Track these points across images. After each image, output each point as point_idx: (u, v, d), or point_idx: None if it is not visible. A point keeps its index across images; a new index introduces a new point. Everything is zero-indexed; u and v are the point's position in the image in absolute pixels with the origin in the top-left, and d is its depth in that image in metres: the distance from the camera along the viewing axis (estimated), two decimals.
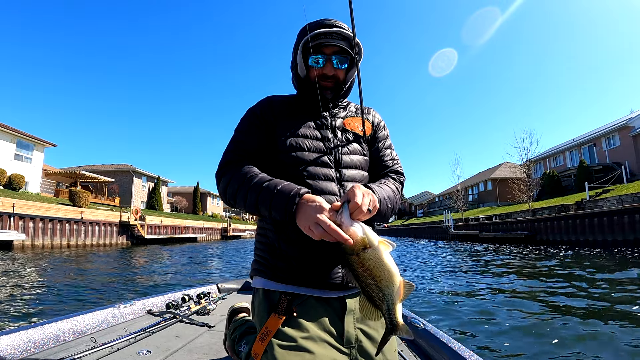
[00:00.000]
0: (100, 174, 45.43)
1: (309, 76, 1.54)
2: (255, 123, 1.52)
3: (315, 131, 1.52)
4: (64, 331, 2.44)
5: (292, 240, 1.36)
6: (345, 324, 1.34)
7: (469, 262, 15.27)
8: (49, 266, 14.15)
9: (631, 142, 32.92)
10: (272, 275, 1.39)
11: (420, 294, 8.28)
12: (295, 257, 1.36)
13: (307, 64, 1.53)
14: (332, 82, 1.54)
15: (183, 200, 66.20)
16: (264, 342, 1.25)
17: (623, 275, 9.61)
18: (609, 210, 20.11)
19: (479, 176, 60.10)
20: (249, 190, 1.31)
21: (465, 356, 1.97)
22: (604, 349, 4.42)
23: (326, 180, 1.43)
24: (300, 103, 1.60)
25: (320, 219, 1.11)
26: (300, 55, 1.50)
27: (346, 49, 1.48)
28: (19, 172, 30.42)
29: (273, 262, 1.40)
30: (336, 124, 1.57)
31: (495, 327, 5.45)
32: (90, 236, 28.23)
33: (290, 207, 1.20)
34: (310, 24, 1.50)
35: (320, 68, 1.51)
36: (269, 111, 1.53)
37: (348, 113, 1.65)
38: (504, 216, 33.29)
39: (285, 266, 1.37)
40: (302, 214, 1.18)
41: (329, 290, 1.36)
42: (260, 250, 1.49)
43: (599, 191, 26.76)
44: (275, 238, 1.40)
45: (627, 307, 6.22)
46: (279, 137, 1.48)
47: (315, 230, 1.11)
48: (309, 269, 1.35)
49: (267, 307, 1.36)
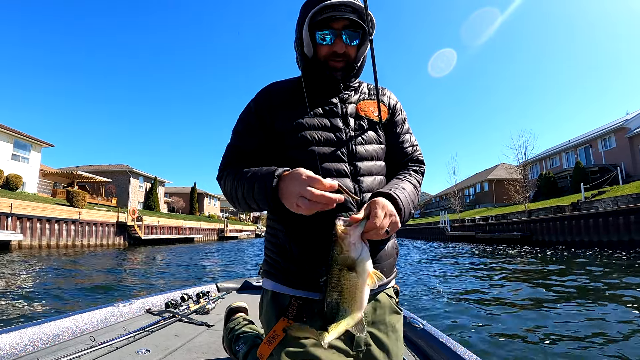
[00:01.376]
0: (98, 174, 45.29)
1: (317, 55, 1.38)
2: (251, 122, 1.39)
3: (324, 120, 1.36)
4: (62, 330, 2.44)
5: (304, 243, 1.27)
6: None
7: (466, 264, 15.32)
8: (47, 266, 14.12)
9: (627, 144, 33.02)
10: (283, 279, 1.31)
11: (419, 294, 8.31)
12: (308, 261, 1.26)
13: (314, 41, 1.36)
14: (343, 61, 1.38)
15: (180, 201, 66.09)
16: (271, 345, 1.21)
17: (622, 278, 9.69)
18: (605, 211, 20.20)
19: (475, 177, 60.18)
20: (238, 188, 1.24)
21: (464, 356, 1.97)
22: (604, 349, 4.45)
23: (339, 176, 1.29)
24: (306, 87, 1.40)
25: (304, 190, 1.02)
26: (306, 32, 1.33)
27: (358, 22, 1.31)
28: (17, 172, 30.29)
29: (285, 265, 1.31)
30: (348, 111, 1.41)
31: (495, 327, 5.48)
32: (88, 236, 28.17)
33: (270, 192, 1.12)
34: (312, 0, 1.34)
35: (329, 45, 1.34)
36: (267, 105, 1.38)
37: (361, 96, 1.48)
38: (500, 217, 33.33)
39: (297, 270, 1.28)
40: (285, 193, 1.10)
41: None
42: (271, 251, 1.39)
43: (594, 192, 26.80)
44: (286, 240, 1.30)
45: (626, 308, 6.30)
46: (283, 131, 1.34)
47: (302, 205, 1.03)
48: (315, 271, 1.24)
49: (276, 310, 1.29)
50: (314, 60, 1.39)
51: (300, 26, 1.36)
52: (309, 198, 1.02)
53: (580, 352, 4.38)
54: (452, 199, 48.01)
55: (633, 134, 32.20)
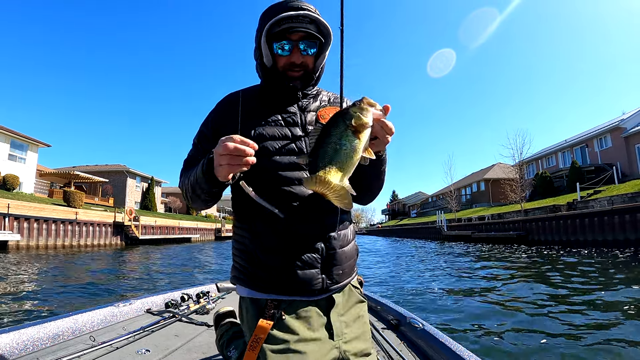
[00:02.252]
0: (94, 175, 45.18)
1: (276, 65, 1.40)
2: (207, 134, 1.42)
3: (284, 129, 1.38)
4: (63, 330, 2.44)
5: (269, 249, 1.31)
6: (331, 319, 1.34)
7: (464, 263, 15.37)
8: (45, 267, 14.12)
9: (623, 143, 33.16)
10: (254, 285, 1.35)
11: (419, 294, 8.36)
12: (275, 266, 1.31)
13: (272, 51, 1.38)
14: (301, 70, 1.41)
15: (177, 201, 65.92)
16: (255, 350, 1.21)
17: (617, 277, 9.76)
18: (600, 210, 20.33)
19: (472, 177, 60.25)
20: (184, 180, 1.32)
21: (464, 356, 1.97)
22: (603, 348, 4.48)
23: (301, 184, 1.33)
24: (265, 96, 1.46)
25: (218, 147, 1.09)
26: (264, 43, 1.35)
27: (314, 33, 1.34)
28: (13, 172, 30.19)
29: (253, 270, 1.35)
30: (307, 119, 1.43)
31: (494, 327, 5.50)
32: (85, 237, 28.10)
33: (208, 164, 1.15)
34: (273, 6, 1.37)
35: (287, 56, 1.37)
36: (225, 116, 1.41)
37: (321, 104, 1.51)
38: (497, 216, 33.42)
39: (266, 276, 1.32)
40: (215, 165, 1.13)
41: (311, 295, 1.33)
42: (239, 257, 1.42)
43: (590, 192, 26.92)
44: (253, 247, 1.35)
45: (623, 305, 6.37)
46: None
47: (222, 162, 1.08)
48: (288, 278, 1.29)
49: (255, 313, 1.32)
50: (273, 69, 1.41)
51: (258, 36, 1.38)
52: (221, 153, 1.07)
53: (579, 352, 4.41)
54: (449, 199, 48.14)
55: (629, 134, 32.36)
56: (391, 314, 2.98)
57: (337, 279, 1.37)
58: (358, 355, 1.36)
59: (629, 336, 4.85)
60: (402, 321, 2.75)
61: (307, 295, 1.32)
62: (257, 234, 1.34)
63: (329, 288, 1.35)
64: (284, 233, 1.31)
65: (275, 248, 1.31)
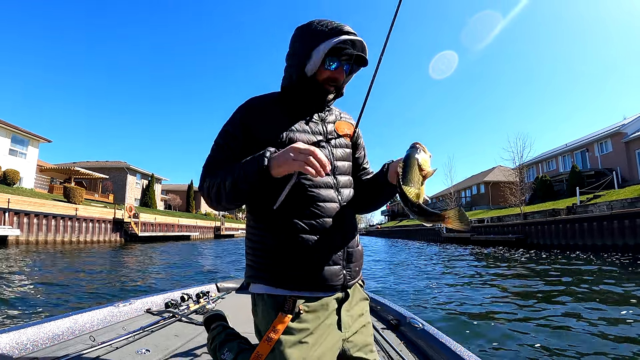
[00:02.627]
0: (94, 171, 45.12)
1: (315, 76, 1.48)
2: (237, 135, 1.45)
3: (311, 136, 1.48)
4: (62, 330, 2.44)
5: (291, 246, 1.37)
6: (342, 313, 1.42)
7: (464, 265, 15.41)
8: (46, 262, 14.14)
9: (623, 148, 33.11)
10: (274, 282, 1.38)
11: (419, 294, 8.40)
12: (301, 263, 1.36)
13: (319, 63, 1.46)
14: (334, 86, 1.53)
15: (177, 198, 66.00)
16: (270, 342, 1.26)
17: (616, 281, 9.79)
18: (599, 215, 20.29)
19: (472, 179, 60.19)
20: (224, 177, 1.32)
21: (464, 357, 1.99)
22: (602, 348, 4.51)
23: (326, 187, 1.44)
24: (293, 102, 1.53)
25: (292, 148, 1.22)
26: (322, 53, 1.41)
27: (363, 56, 1.48)
28: (14, 167, 30.23)
29: (274, 268, 1.39)
30: (328, 129, 1.55)
31: (494, 327, 5.53)
32: (85, 233, 28.24)
33: (262, 159, 1.24)
34: (332, 25, 1.44)
35: (331, 71, 1.47)
36: (253, 119, 1.46)
37: (336, 117, 1.63)
38: (496, 219, 33.42)
39: (290, 272, 1.36)
40: (278, 158, 1.23)
41: (332, 291, 1.41)
42: (257, 256, 1.45)
43: (590, 196, 26.88)
44: (275, 245, 1.39)
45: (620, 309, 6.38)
46: (273, 144, 1.38)
47: (300, 158, 1.19)
48: (311, 274, 1.36)
49: (273, 307, 1.35)
50: (312, 79, 1.47)
51: (309, 46, 1.44)
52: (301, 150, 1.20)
53: (580, 352, 4.42)
54: (448, 201, 48.10)
55: (629, 139, 32.31)
56: (391, 314, 3.00)
57: (354, 275, 1.49)
58: (361, 348, 1.46)
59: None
60: (402, 321, 2.77)
61: (329, 291, 1.40)
62: (281, 233, 1.39)
63: (348, 284, 1.45)
64: (312, 232, 1.38)
65: (302, 246, 1.37)
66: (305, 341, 1.28)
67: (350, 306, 1.48)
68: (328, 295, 1.40)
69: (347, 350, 1.42)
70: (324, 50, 1.40)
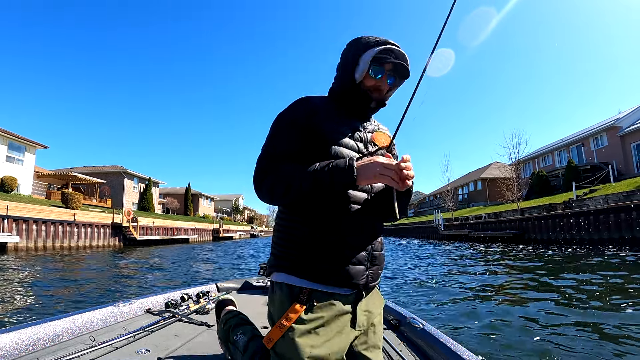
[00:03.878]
0: (92, 176, 45.02)
1: (362, 84, 1.58)
2: (294, 123, 1.52)
3: (353, 142, 1.57)
4: (62, 330, 2.42)
5: (320, 240, 1.44)
6: (357, 311, 1.48)
7: (465, 262, 15.42)
8: (45, 268, 14.11)
9: (619, 142, 33.22)
10: (296, 272, 1.44)
11: (419, 294, 8.41)
12: (324, 258, 1.43)
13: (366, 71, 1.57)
14: (378, 95, 1.62)
15: (174, 202, 65.83)
16: (282, 328, 1.33)
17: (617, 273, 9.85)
18: (595, 209, 20.43)
19: (469, 176, 60.34)
20: (303, 178, 1.37)
21: (464, 356, 1.98)
22: (602, 348, 4.49)
23: (362, 191, 1.53)
24: (340, 107, 1.63)
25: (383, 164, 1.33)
26: (369, 60, 1.53)
27: (406, 68, 1.57)
28: (11, 174, 30.13)
29: (299, 259, 1.45)
30: (367, 138, 1.64)
31: (494, 327, 5.52)
32: (83, 238, 28.16)
33: (351, 170, 1.33)
34: (378, 38, 1.57)
35: (376, 80, 1.57)
36: (311, 111, 1.53)
37: (374, 127, 1.72)
38: (493, 215, 33.44)
39: (312, 265, 1.43)
40: (364, 171, 1.34)
41: (354, 289, 1.47)
42: (283, 246, 1.51)
43: (586, 190, 26.99)
44: (303, 236, 1.47)
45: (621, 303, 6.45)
46: (323, 141, 1.49)
47: (385, 172, 1.31)
48: (336, 270, 1.42)
49: (288, 297, 1.41)
50: (359, 85, 1.59)
51: (358, 51, 1.57)
52: (385, 165, 1.33)
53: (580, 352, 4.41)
54: (446, 198, 48.14)
55: (625, 133, 32.43)
56: (391, 314, 2.98)
57: (375, 277, 1.56)
58: (369, 347, 1.54)
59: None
60: (402, 321, 2.77)
61: (350, 288, 1.47)
62: (312, 226, 1.46)
63: (369, 285, 1.52)
64: (343, 231, 1.46)
65: (336, 243, 1.44)
66: (316, 332, 1.34)
67: (366, 306, 1.55)
68: (347, 292, 1.47)
69: (355, 347, 1.49)
70: (369, 56, 1.52)
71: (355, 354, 1.50)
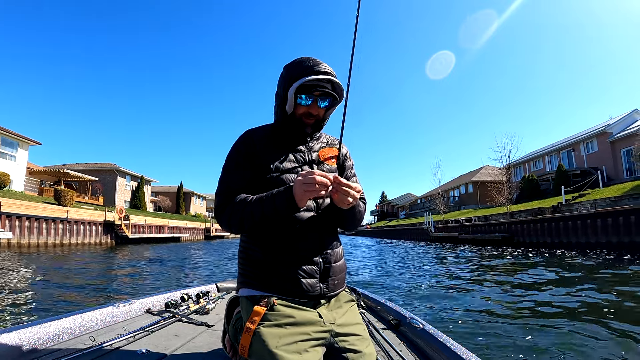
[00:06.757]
0: (84, 173, 44.83)
1: (294, 111, 1.68)
2: (239, 160, 1.65)
3: (296, 165, 1.67)
4: (62, 330, 2.39)
5: (280, 262, 1.56)
6: (319, 311, 1.56)
7: (463, 264, 15.53)
8: (40, 264, 14.11)
9: (609, 148, 33.54)
10: (259, 286, 1.58)
11: (418, 294, 8.47)
12: (284, 275, 1.55)
13: (295, 100, 1.65)
14: (314, 119, 1.70)
15: (166, 200, 65.66)
16: (249, 332, 1.40)
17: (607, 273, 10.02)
18: (583, 213, 20.74)
19: (460, 179, 60.54)
20: (252, 210, 1.50)
21: (464, 356, 1.95)
22: (601, 347, 4.55)
23: (308, 210, 1.62)
24: (280, 135, 1.74)
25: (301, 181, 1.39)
26: (292, 94, 1.61)
27: (330, 92, 1.64)
28: (4, 170, 29.99)
29: (257, 276, 1.60)
30: (312, 157, 1.73)
31: (494, 327, 5.55)
32: (75, 235, 28.12)
33: (289, 195, 1.42)
34: (301, 64, 1.65)
35: (307, 106, 1.65)
36: (252, 148, 1.66)
37: (321, 145, 1.81)
38: (483, 218, 33.72)
39: (275, 281, 1.56)
40: (296, 191, 1.41)
41: (309, 301, 1.58)
42: (245, 266, 1.66)
43: (575, 195, 27.23)
44: (257, 257, 1.61)
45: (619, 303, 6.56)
46: (266, 172, 1.62)
47: (307, 189, 1.37)
48: (294, 285, 1.54)
49: (250, 304, 1.52)
50: (292, 115, 1.70)
51: (285, 86, 1.65)
52: (304, 182, 1.38)
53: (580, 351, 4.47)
54: (437, 200, 48.31)
55: (615, 139, 32.80)
56: (391, 314, 2.98)
57: (332, 288, 1.65)
58: (348, 334, 1.56)
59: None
60: (402, 321, 2.76)
61: (305, 299, 1.57)
62: (263, 247, 1.61)
63: (326, 295, 1.62)
64: (291, 249, 1.58)
65: (285, 261, 1.56)
66: (281, 324, 1.42)
67: (332, 307, 1.64)
68: (305, 301, 1.57)
69: (335, 343, 1.52)
70: (293, 90, 1.61)
71: (337, 349, 1.52)
